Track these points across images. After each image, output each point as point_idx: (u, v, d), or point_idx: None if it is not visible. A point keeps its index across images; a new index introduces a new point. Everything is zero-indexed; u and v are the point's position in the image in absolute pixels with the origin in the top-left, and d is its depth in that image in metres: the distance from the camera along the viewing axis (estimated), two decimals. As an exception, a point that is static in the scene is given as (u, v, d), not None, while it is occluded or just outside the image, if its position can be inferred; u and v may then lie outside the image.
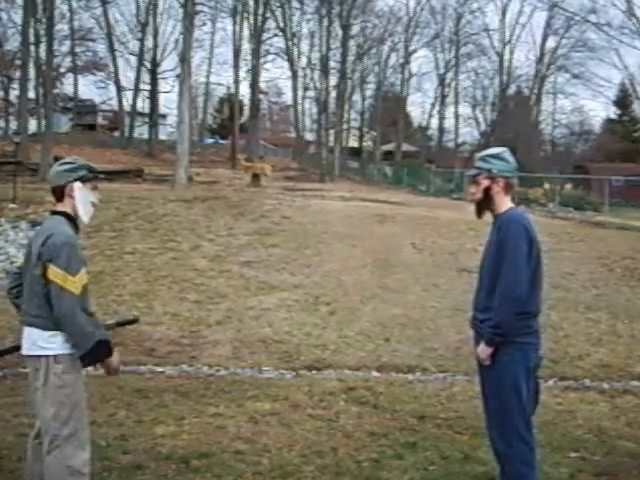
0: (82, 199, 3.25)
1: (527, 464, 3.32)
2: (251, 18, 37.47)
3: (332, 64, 41.49)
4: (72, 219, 3.28)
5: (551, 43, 47.53)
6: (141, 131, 44.68)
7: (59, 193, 3.26)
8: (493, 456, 3.59)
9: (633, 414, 5.43)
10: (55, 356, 3.13)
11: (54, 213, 3.30)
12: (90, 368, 3.51)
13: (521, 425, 3.31)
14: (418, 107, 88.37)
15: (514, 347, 3.30)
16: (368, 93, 51.78)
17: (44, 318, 3.14)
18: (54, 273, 3.06)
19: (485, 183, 3.46)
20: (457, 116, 49.48)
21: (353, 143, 53.00)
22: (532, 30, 77.87)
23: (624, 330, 8.50)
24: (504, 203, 3.47)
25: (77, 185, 3.24)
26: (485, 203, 3.50)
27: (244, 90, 51.89)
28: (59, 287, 3.06)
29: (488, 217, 3.60)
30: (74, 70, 43.12)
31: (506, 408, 3.31)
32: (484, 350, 3.33)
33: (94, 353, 3.11)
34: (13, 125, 39.76)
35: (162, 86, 43.03)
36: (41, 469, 3.23)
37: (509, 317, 3.24)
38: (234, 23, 41.24)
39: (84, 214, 3.28)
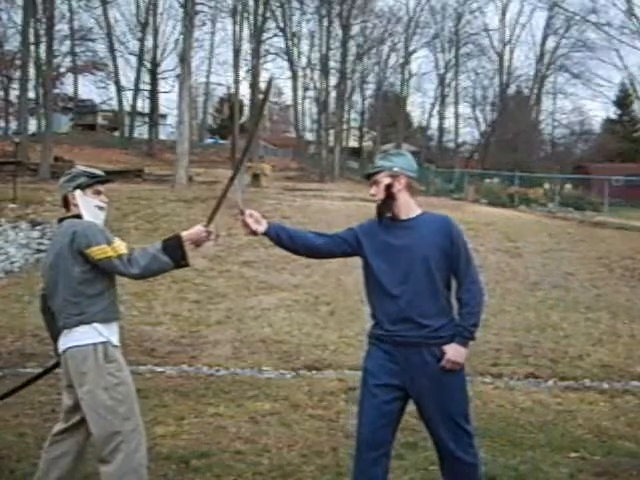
0: (85, 205, 3.28)
1: (478, 458, 3.28)
2: (251, 18, 37.49)
3: (332, 64, 41.44)
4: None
5: (551, 43, 47.42)
6: (141, 131, 44.64)
7: (65, 204, 3.34)
8: (477, 456, 3.47)
9: (633, 414, 5.43)
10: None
11: (62, 220, 3.32)
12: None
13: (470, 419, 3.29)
14: (418, 107, 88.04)
15: None
16: (368, 93, 51.63)
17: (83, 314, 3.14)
18: (99, 252, 3.11)
19: (386, 181, 3.16)
20: (457, 116, 49.36)
21: (353, 143, 52.94)
22: (532, 30, 77.75)
23: (624, 330, 8.51)
24: (412, 204, 3.20)
25: (77, 193, 3.28)
26: (388, 204, 3.16)
27: (244, 90, 51.85)
28: (112, 258, 3.10)
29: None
30: (74, 70, 43.06)
31: (464, 408, 3.27)
32: (463, 353, 3.17)
33: (175, 256, 3.21)
34: (13, 125, 39.73)
35: (162, 86, 42.99)
36: (58, 476, 3.20)
37: (481, 315, 3.23)
38: (234, 23, 41.14)
39: (92, 219, 3.28)
